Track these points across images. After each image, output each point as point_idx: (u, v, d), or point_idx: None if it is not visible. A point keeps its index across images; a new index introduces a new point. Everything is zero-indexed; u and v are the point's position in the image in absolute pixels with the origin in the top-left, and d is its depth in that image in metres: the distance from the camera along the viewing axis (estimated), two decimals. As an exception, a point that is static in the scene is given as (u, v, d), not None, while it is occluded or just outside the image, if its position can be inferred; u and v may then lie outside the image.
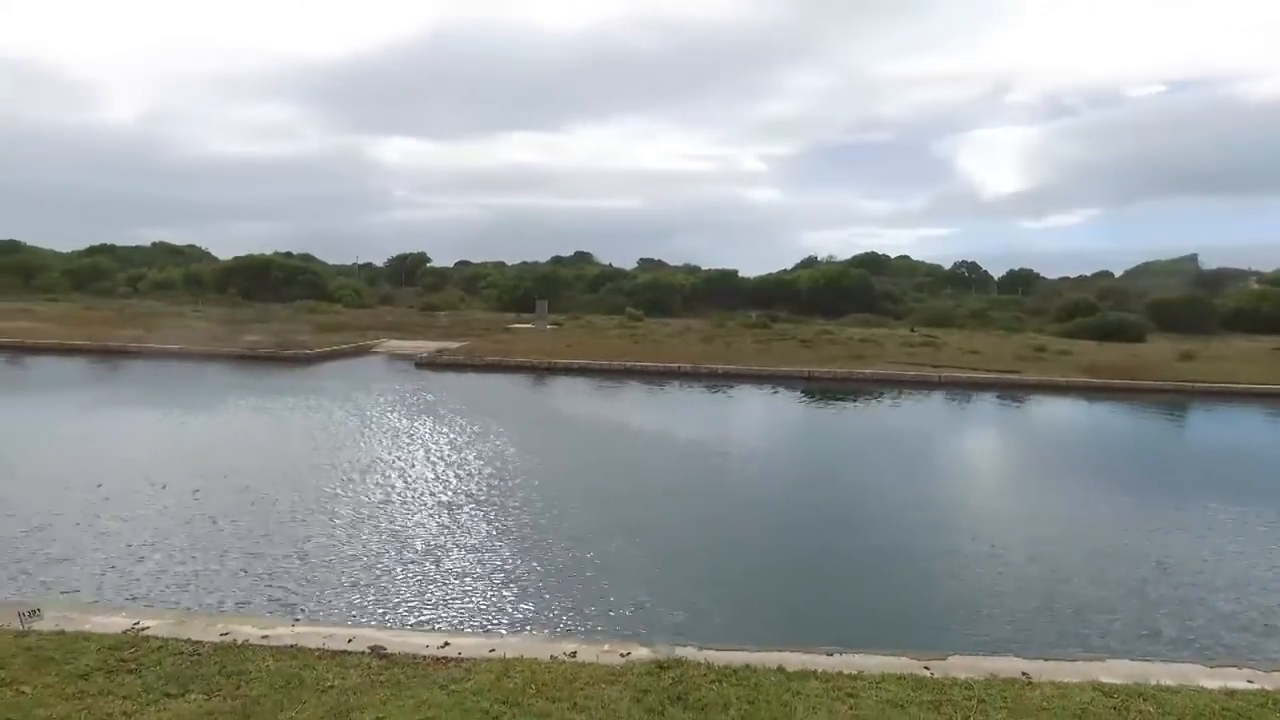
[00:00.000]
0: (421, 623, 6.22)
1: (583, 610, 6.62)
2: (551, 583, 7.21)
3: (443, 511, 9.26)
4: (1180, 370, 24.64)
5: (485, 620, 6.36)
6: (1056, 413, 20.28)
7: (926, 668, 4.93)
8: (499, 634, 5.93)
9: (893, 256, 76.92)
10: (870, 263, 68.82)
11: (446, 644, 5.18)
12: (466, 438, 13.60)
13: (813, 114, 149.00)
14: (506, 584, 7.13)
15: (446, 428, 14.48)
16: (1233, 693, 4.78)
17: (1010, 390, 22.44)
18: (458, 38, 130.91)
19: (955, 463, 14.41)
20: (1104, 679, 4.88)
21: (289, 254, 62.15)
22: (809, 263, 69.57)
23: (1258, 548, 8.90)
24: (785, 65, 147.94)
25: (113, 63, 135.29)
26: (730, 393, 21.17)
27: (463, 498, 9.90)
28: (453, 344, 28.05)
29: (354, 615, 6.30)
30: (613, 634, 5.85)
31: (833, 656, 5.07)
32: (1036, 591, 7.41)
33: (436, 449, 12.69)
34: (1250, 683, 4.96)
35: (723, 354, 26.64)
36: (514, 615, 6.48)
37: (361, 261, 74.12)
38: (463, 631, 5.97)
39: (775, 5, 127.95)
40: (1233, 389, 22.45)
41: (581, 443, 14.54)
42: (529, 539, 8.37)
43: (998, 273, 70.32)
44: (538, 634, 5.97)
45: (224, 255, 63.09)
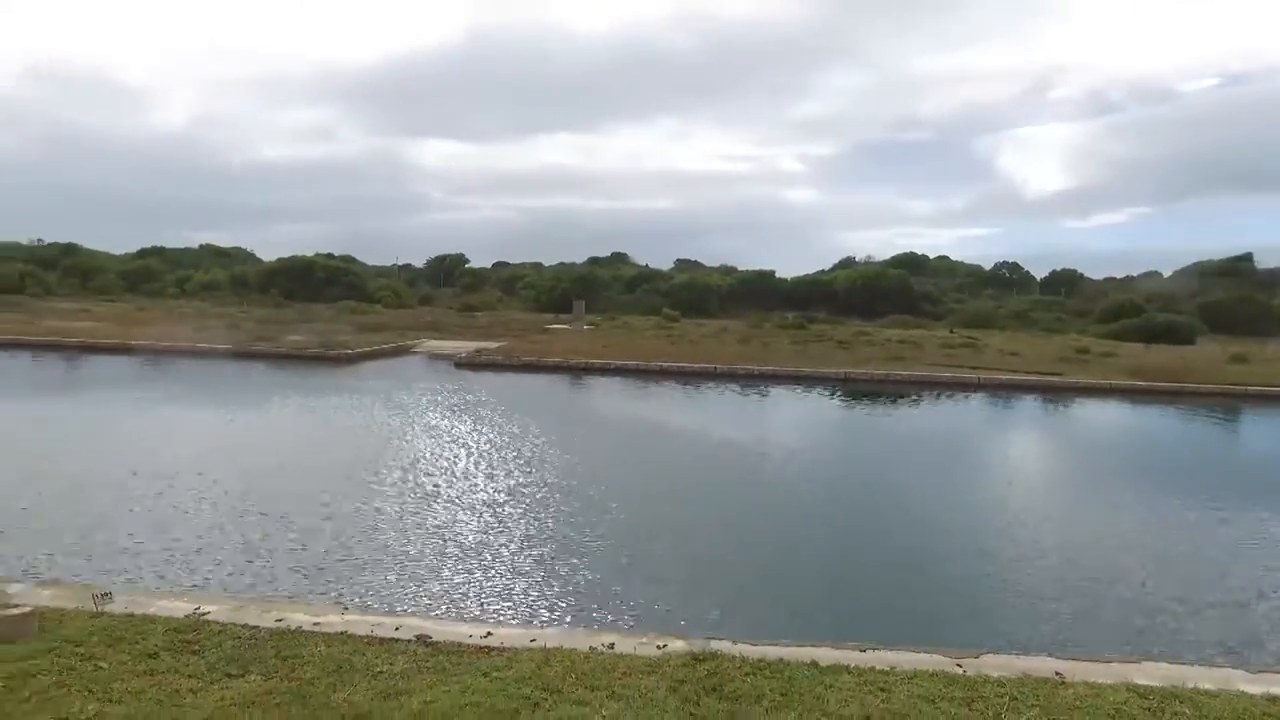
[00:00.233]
0: (465, 614, 6.44)
1: (620, 605, 6.78)
2: (590, 578, 7.39)
3: (484, 508, 9.50)
4: (1230, 373, 23.98)
5: (526, 613, 6.56)
6: (1098, 415, 19.95)
7: (959, 665, 4.99)
8: (539, 626, 6.12)
9: (932, 257, 75.98)
10: (909, 263, 68.02)
11: (489, 634, 5.37)
12: (506, 437, 13.86)
13: (851, 113, 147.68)
14: (547, 579, 7.32)
15: (486, 427, 14.76)
16: (1275, 699, 4.71)
17: (1051, 392, 22.10)
18: (494, 40, 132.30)
19: (993, 465, 14.29)
20: (1139, 681, 4.88)
21: (330, 255, 63.45)
22: (847, 263, 69.04)
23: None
24: (823, 63, 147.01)
25: (164, 70, 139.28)
26: (766, 394, 21.20)
27: (503, 495, 10.13)
28: (491, 344, 28.45)
29: (400, 606, 6.54)
30: (649, 628, 5.99)
31: (865, 653, 5.15)
32: (1075, 595, 7.39)
33: (477, 447, 12.97)
34: (1293, 689, 4.90)
35: (759, 355, 26.64)
36: (554, 608, 6.67)
37: (401, 262, 75.44)
38: (505, 623, 6.17)
39: (812, 2, 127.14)
40: (1286, 392, 21.82)
41: (619, 442, 14.72)
42: (568, 536, 8.57)
43: (1040, 273, 69.18)
44: (577, 626, 6.14)
45: (267, 257, 64.89)
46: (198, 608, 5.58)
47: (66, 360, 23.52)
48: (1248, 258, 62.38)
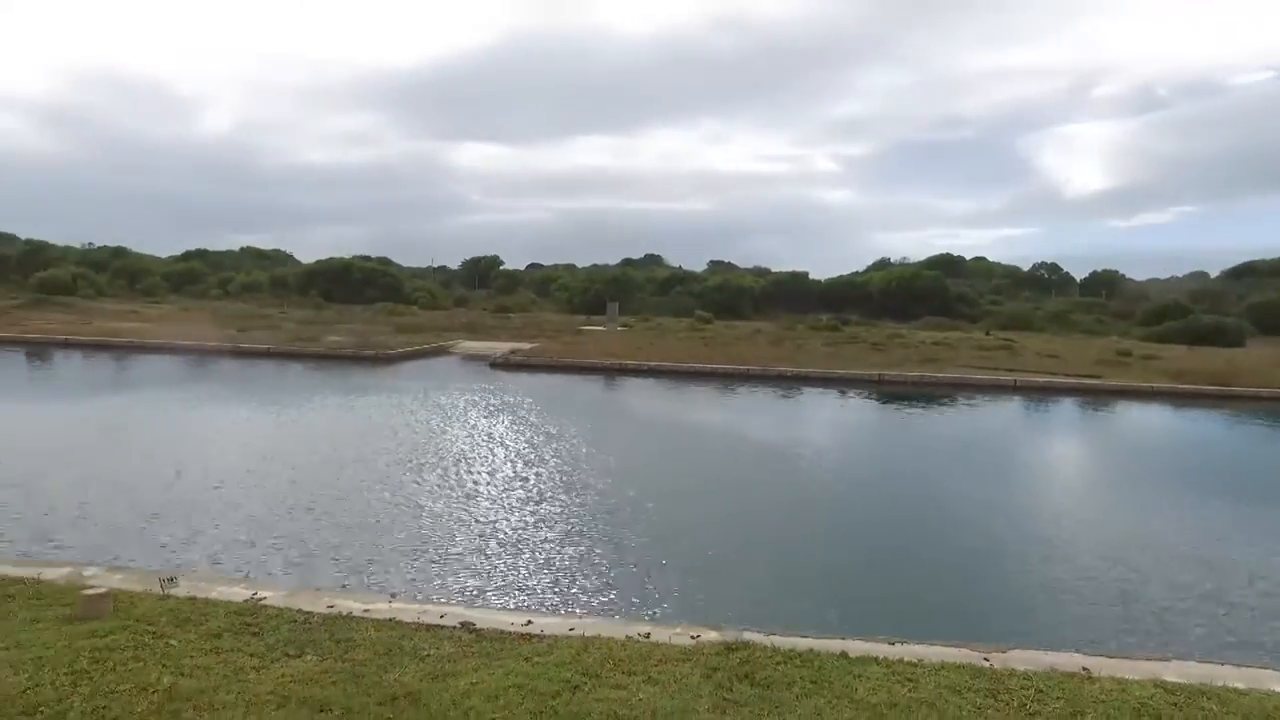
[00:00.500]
0: (506, 604, 6.68)
1: (656, 596, 6.99)
2: (627, 571, 7.61)
3: (523, 504, 9.77)
4: (1279, 377, 23.49)
5: (565, 603, 6.79)
6: (1138, 419, 19.67)
7: (986, 659, 5.10)
8: (578, 615, 6.33)
9: (969, 258, 74.92)
10: (945, 264, 67.18)
11: (530, 622, 5.60)
12: (542, 436, 14.14)
13: (889, 112, 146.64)
14: (585, 572, 7.56)
15: (523, 426, 15.06)
16: (1307, 698, 4.74)
17: (1089, 395, 21.83)
18: (532, 44, 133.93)
19: (1028, 466, 14.22)
20: (1168, 678, 4.93)
21: (367, 257, 64.59)
22: (881, 264, 68.47)
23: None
24: (861, 63, 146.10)
25: (212, 77, 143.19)
26: (799, 395, 21.24)
27: (541, 491, 10.40)
28: (525, 345, 28.84)
29: (444, 596, 6.80)
30: (684, 619, 6.17)
31: (894, 646, 5.28)
32: (1107, 595, 7.42)
33: (515, 445, 13.26)
34: (1327, 689, 4.91)
35: (792, 356, 26.66)
36: (592, 599, 6.90)
37: (436, 264, 76.56)
38: (544, 612, 6.40)
39: (852, 2, 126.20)
40: (1338, 397, 21.30)
41: (653, 442, 14.92)
42: (605, 531, 8.79)
43: (1080, 274, 67.77)
44: (614, 616, 6.35)
45: (306, 259, 66.22)
46: (255, 593, 5.89)
47: (116, 359, 24.37)
48: (1301, 257, 60.59)
